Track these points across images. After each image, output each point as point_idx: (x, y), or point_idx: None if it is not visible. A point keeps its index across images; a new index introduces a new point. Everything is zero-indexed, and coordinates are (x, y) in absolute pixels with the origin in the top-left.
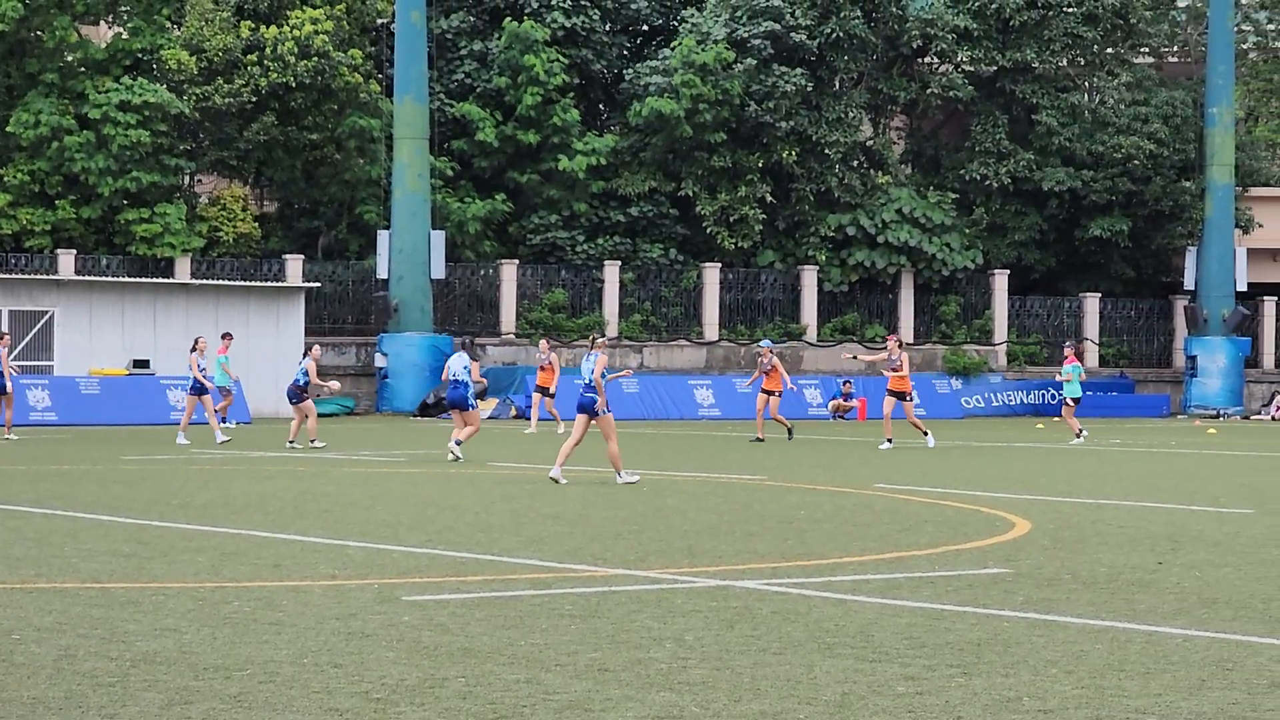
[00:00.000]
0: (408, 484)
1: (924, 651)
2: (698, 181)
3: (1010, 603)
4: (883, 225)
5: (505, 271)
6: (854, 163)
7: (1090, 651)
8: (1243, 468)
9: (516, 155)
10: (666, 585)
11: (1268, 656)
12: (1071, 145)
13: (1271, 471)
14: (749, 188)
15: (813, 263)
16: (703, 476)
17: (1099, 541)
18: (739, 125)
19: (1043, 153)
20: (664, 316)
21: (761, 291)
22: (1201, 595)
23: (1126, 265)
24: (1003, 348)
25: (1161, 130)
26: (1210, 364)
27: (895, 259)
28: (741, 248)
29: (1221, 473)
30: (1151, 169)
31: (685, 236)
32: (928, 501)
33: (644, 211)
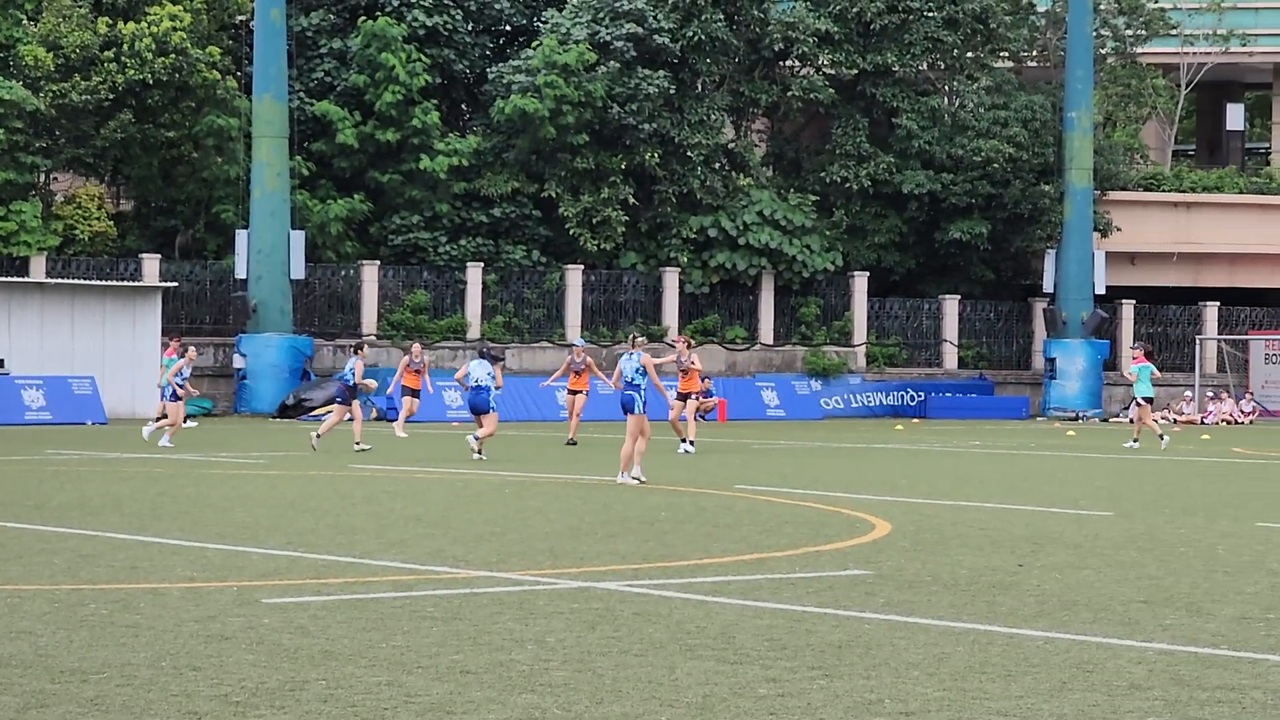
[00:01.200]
0: (267, 486)
1: (785, 653)
2: (560, 183)
3: (871, 605)
4: (744, 227)
5: (366, 272)
6: (716, 165)
7: (952, 654)
8: (1102, 470)
9: (377, 155)
10: (528, 587)
11: (1127, 658)
12: (931, 148)
13: (1130, 474)
14: (612, 190)
15: (674, 265)
16: (565, 478)
17: (960, 543)
18: (602, 127)
19: (903, 156)
20: (527, 318)
21: (624, 293)
22: (1062, 597)
23: (986, 268)
24: (862, 349)
25: (1021, 134)
26: (1069, 366)
27: (756, 261)
28: (604, 249)
29: (1080, 475)
30: (1011, 172)
31: (548, 238)
32: (788, 503)
33: (507, 213)
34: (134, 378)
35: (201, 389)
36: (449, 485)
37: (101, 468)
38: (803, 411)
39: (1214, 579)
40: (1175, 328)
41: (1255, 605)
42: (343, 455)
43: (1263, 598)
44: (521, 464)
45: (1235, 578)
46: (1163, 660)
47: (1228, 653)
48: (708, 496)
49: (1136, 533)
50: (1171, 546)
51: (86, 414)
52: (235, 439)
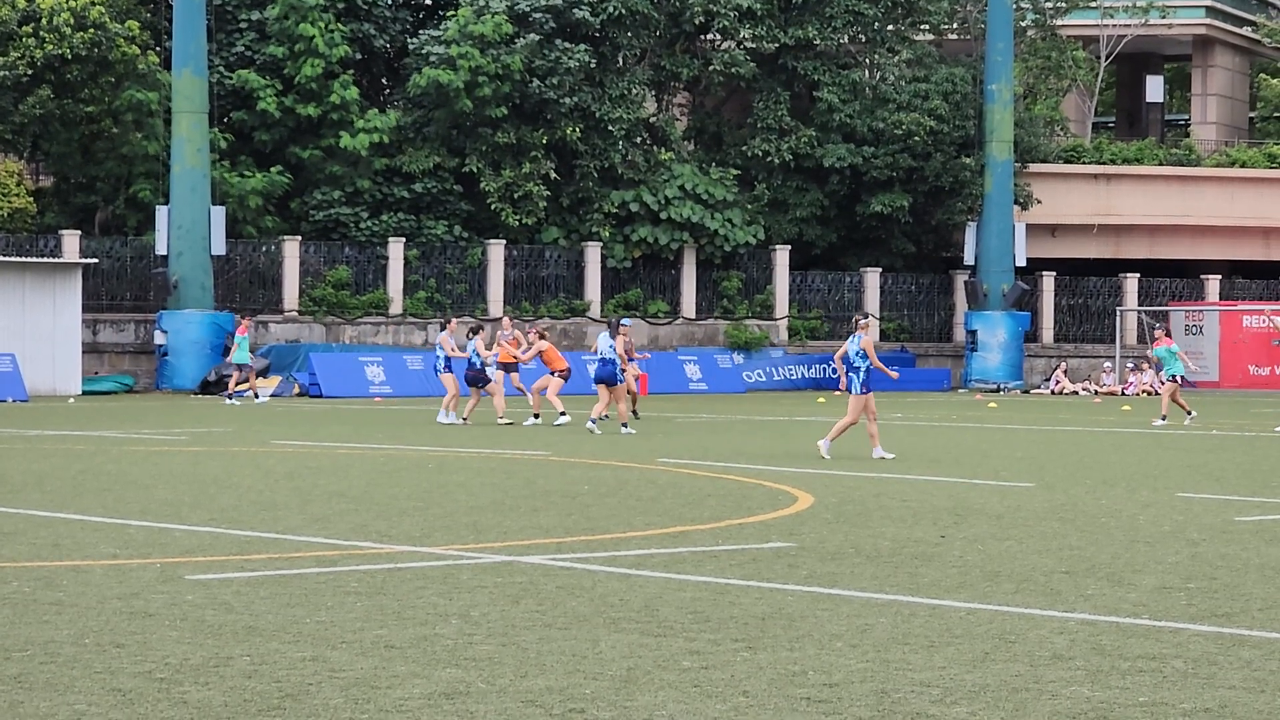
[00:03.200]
0: (189, 462)
1: (709, 626)
2: (482, 158)
3: (794, 577)
4: (666, 202)
5: (287, 248)
6: (637, 139)
7: (874, 625)
8: (1023, 441)
9: (298, 130)
10: (452, 561)
11: (1049, 629)
12: (852, 122)
13: (1051, 445)
14: (533, 164)
15: (596, 239)
16: (487, 453)
17: (882, 515)
18: (522, 101)
19: (824, 129)
20: (449, 294)
21: (546, 268)
22: (984, 569)
23: (907, 241)
24: (784, 323)
25: (941, 107)
26: (990, 338)
27: (678, 235)
28: (526, 224)
29: (1002, 446)
30: (932, 145)
31: (469, 213)
32: (710, 476)
33: (428, 188)
34: (54, 354)
35: (123, 365)
36: (371, 461)
37: (22, 445)
38: (725, 385)
39: (1135, 549)
40: (1096, 299)
41: (1175, 575)
42: (270, 429)
43: (1183, 567)
44: (444, 439)
45: (1156, 548)
46: (1084, 630)
47: (1149, 622)
48: (630, 470)
49: (1058, 504)
50: (1093, 517)
51: (7, 391)
52: (157, 416)
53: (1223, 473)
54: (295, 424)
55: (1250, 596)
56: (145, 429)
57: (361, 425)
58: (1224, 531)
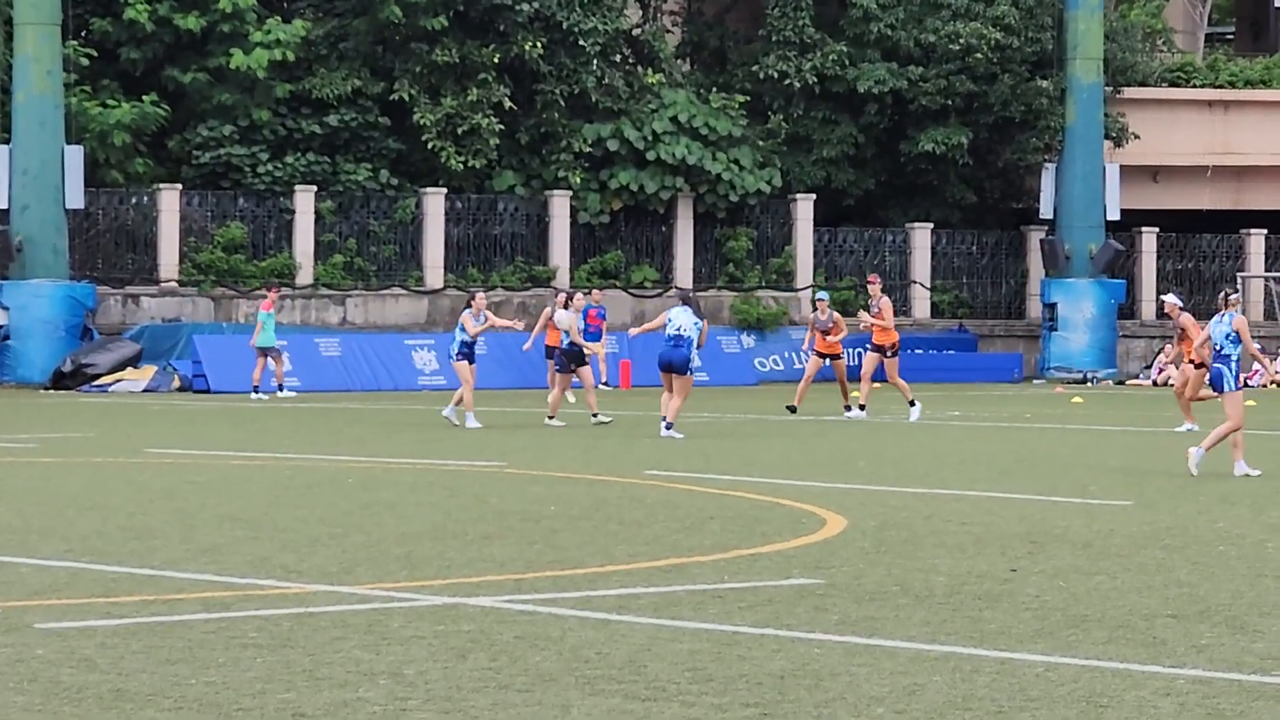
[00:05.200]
0: (40, 477)
1: (711, 687)
2: (415, 82)
3: (822, 623)
4: (653, 138)
5: (165, 199)
6: (616, 58)
7: (926, 685)
8: (1117, 447)
9: (177, 47)
10: (379, 605)
11: (1151, 689)
12: (895, 34)
13: (1152, 452)
14: (482, 90)
15: (564, 187)
16: (425, 464)
17: (935, 544)
18: (467, 9)
19: (858, 44)
20: (373, 258)
21: (499, 224)
22: (1067, 611)
23: (966, 188)
24: (807, 294)
25: (1011, 14)
26: (1074, 314)
27: (670, 181)
28: (473, 168)
29: (1090, 454)
30: (998, 65)
31: (400, 154)
32: (714, 492)
33: (345, 121)
34: None
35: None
36: (275, 475)
37: None
38: (732, 375)
39: (1262, 586)
40: (1211, 263)
41: None
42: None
43: None
44: (369, 446)
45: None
46: (1198, 691)
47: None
48: (610, 486)
49: (1162, 528)
50: (1208, 545)
51: None
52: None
53: None
54: (175, 426)
55: None
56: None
57: (261, 428)
58: None
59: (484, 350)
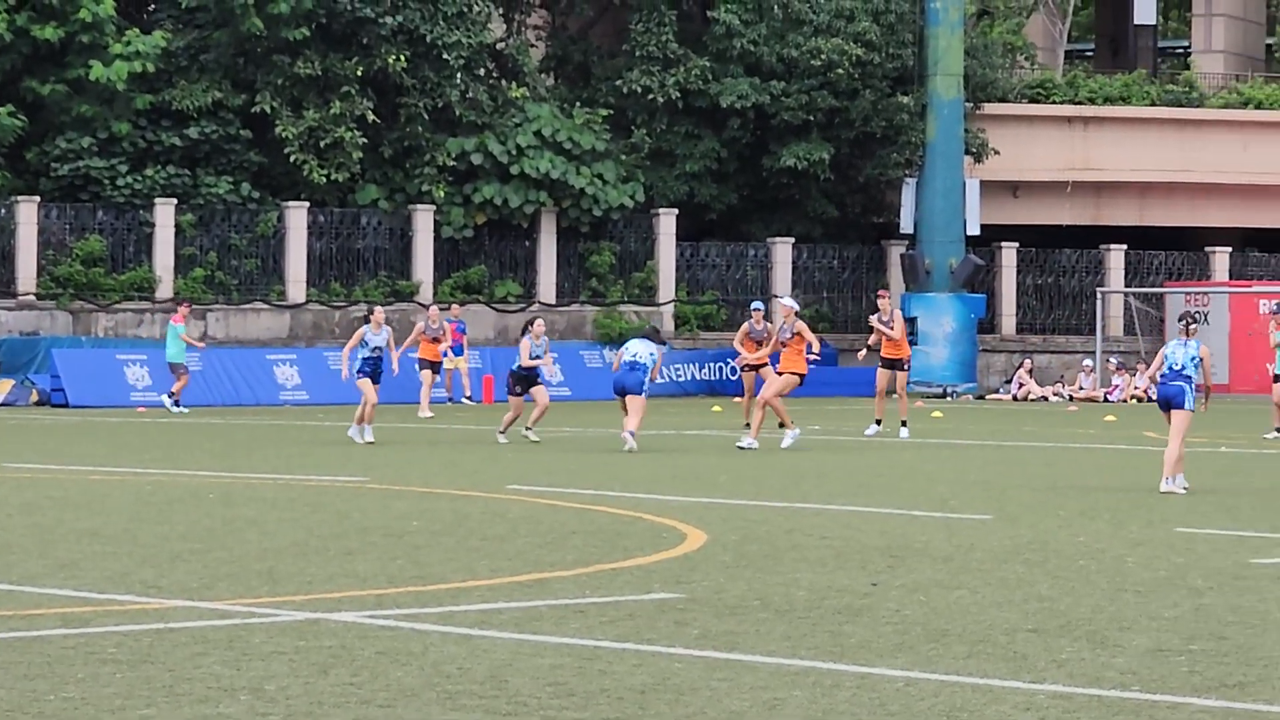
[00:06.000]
0: None
1: (573, 701)
2: (277, 94)
3: (683, 638)
4: (517, 152)
5: (22, 212)
6: (480, 71)
7: (786, 700)
8: (977, 461)
9: (35, 58)
10: (240, 620)
11: (1011, 704)
12: (758, 49)
13: (1014, 466)
14: (345, 103)
15: (428, 201)
16: (287, 479)
17: (796, 558)
18: (330, 21)
19: (721, 59)
20: (235, 271)
21: (362, 238)
22: (928, 626)
23: (828, 202)
24: (670, 309)
25: (872, 30)
26: (934, 328)
27: (533, 195)
28: (336, 182)
29: (950, 468)
30: (859, 80)
31: (262, 167)
32: (576, 507)
33: (206, 133)
34: None
35: None
36: (135, 490)
37: None
38: (594, 389)
39: (1122, 601)
40: (1071, 278)
41: (1174, 634)
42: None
43: (1184, 624)
44: (230, 461)
45: (1149, 599)
46: (1058, 706)
47: (1140, 695)
48: (472, 501)
49: (1023, 542)
50: (1069, 559)
51: None
52: None
53: (1235, 502)
54: (33, 441)
55: (1270, 661)
56: None
57: (120, 443)
58: (1236, 578)
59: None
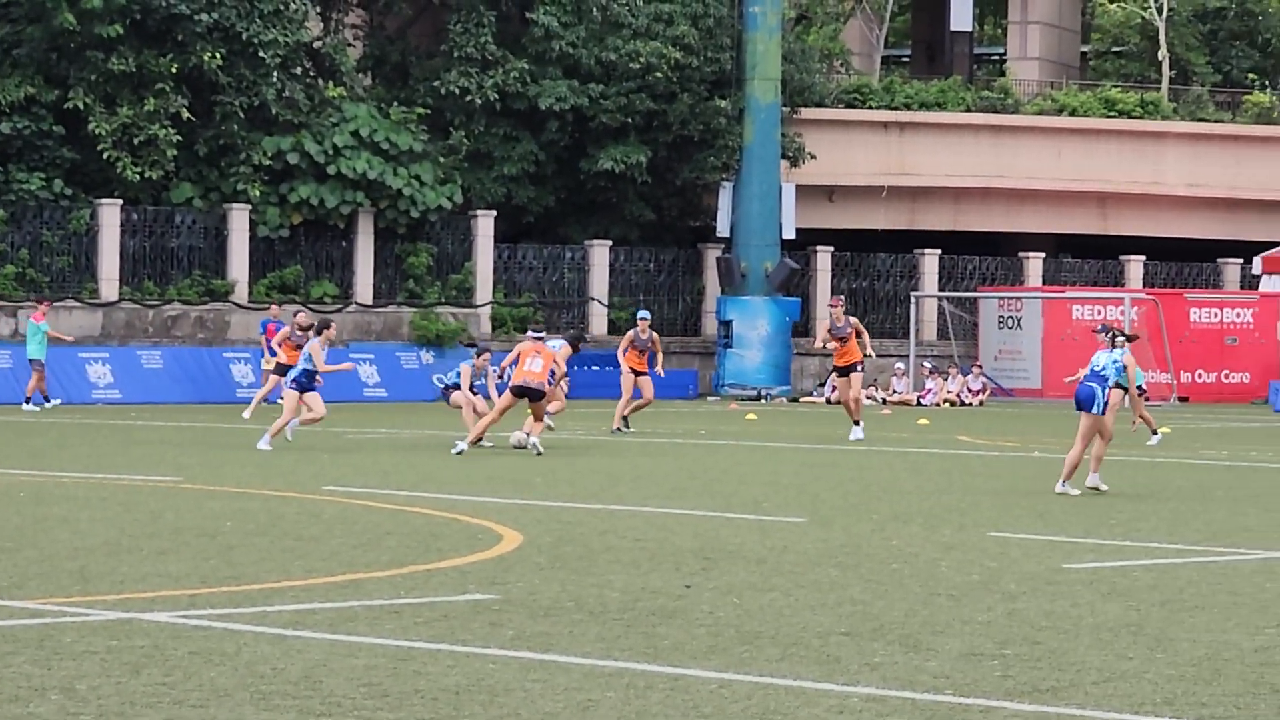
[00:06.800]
0: None
1: (387, 702)
2: (90, 90)
3: (497, 639)
4: (334, 152)
5: None
6: (297, 70)
7: (600, 701)
8: (791, 464)
9: None
10: (51, 620)
11: (824, 707)
12: (576, 52)
13: (828, 469)
14: (159, 100)
15: (243, 200)
16: (98, 478)
17: (610, 559)
18: (145, 18)
19: (539, 61)
20: (46, 269)
21: (176, 237)
22: (741, 628)
23: (645, 206)
24: (487, 310)
25: (690, 34)
26: (749, 331)
27: (350, 196)
28: (150, 179)
29: (765, 470)
30: (677, 84)
31: (74, 163)
32: (391, 508)
33: (18, 129)
34: None
35: None
36: None
37: None
38: (410, 391)
39: (935, 604)
40: (885, 282)
41: (987, 638)
42: None
43: (996, 628)
44: (42, 460)
45: (962, 603)
46: (871, 709)
47: (952, 699)
48: (288, 502)
49: (836, 545)
50: (881, 563)
51: None
52: None
53: (1047, 507)
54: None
55: (1082, 666)
56: None
57: None
58: (1049, 582)
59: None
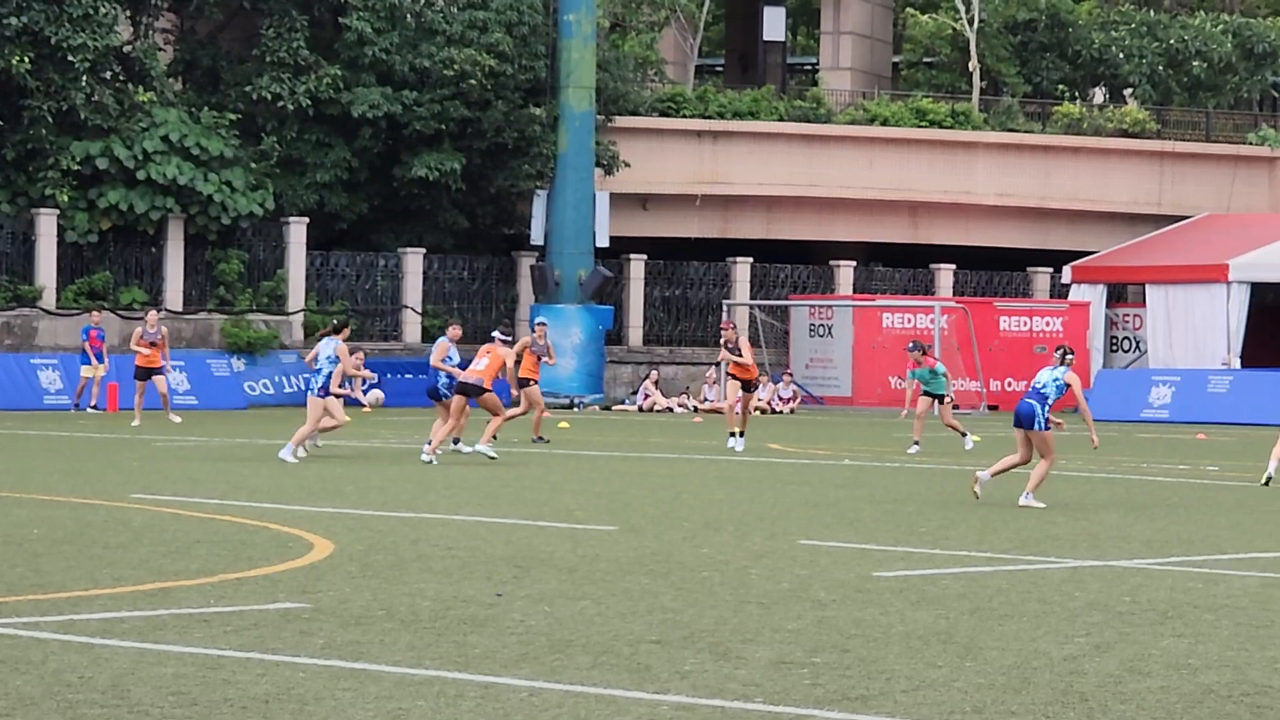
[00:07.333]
0: None
1: (196, 710)
2: None
3: (308, 647)
4: (144, 157)
5: None
6: (107, 74)
7: (411, 709)
8: (603, 473)
9: None
10: None
11: (635, 715)
12: (390, 58)
13: (639, 477)
14: None
15: (52, 205)
16: None
17: (421, 568)
18: None
19: (353, 67)
20: None
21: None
22: (552, 636)
23: (459, 213)
24: (299, 318)
25: (505, 42)
26: (563, 340)
27: (160, 201)
28: None
29: (576, 479)
30: (492, 91)
31: None
32: (201, 516)
33: None
34: None
35: None
36: None
37: None
38: (221, 398)
39: (746, 612)
40: (698, 290)
41: (798, 646)
42: None
43: (807, 636)
44: None
45: (772, 611)
46: (682, 716)
47: (763, 707)
48: (94, 509)
49: (648, 553)
50: (692, 571)
51: None
52: None
53: (857, 515)
54: None
55: (892, 674)
56: None
57: None
58: (859, 590)
59: None
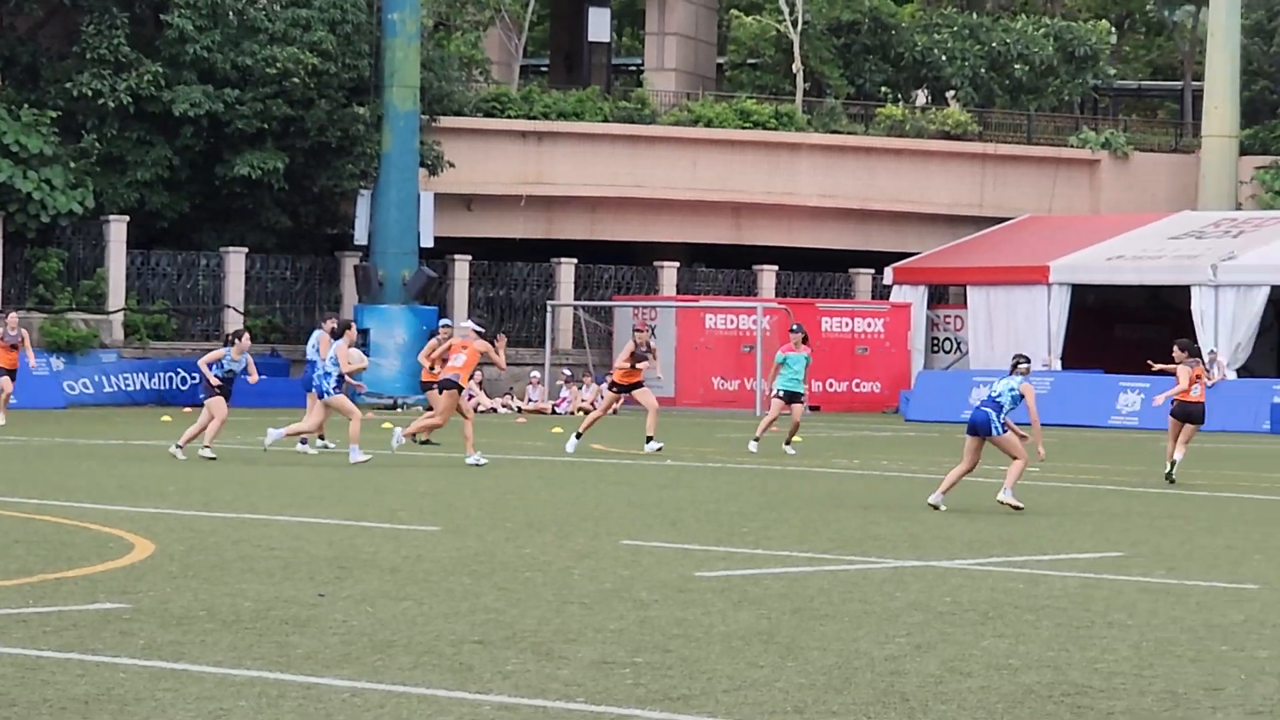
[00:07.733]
0: None
1: (15, 711)
2: None
3: (128, 648)
4: None
5: None
6: None
7: (232, 710)
8: (426, 473)
9: None
10: None
11: (457, 715)
12: (212, 56)
13: (461, 478)
14: None
15: None
16: None
17: (243, 568)
18: None
19: (174, 65)
20: None
21: None
22: (374, 637)
23: (281, 213)
24: (119, 317)
25: (328, 40)
26: (387, 340)
27: None
28: None
29: (399, 479)
30: (315, 90)
31: None
32: (19, 516)
33: None
34: None
35: None
36: None
37: None
38: (40, 398)
39: (568, 613)
40: (522, 291)
41: (619, 646)
42: None
43: (629, 636)
44: None
45: (594, 611)
46: (504, 716)
47: (585, 707)
48: None
49: (470, 553)
50: (515, 571)
51: None
52: None
53: (679, 515)
54: None
55: (713, 674)
56: None
57: None
58: (681, 590)
59: None
